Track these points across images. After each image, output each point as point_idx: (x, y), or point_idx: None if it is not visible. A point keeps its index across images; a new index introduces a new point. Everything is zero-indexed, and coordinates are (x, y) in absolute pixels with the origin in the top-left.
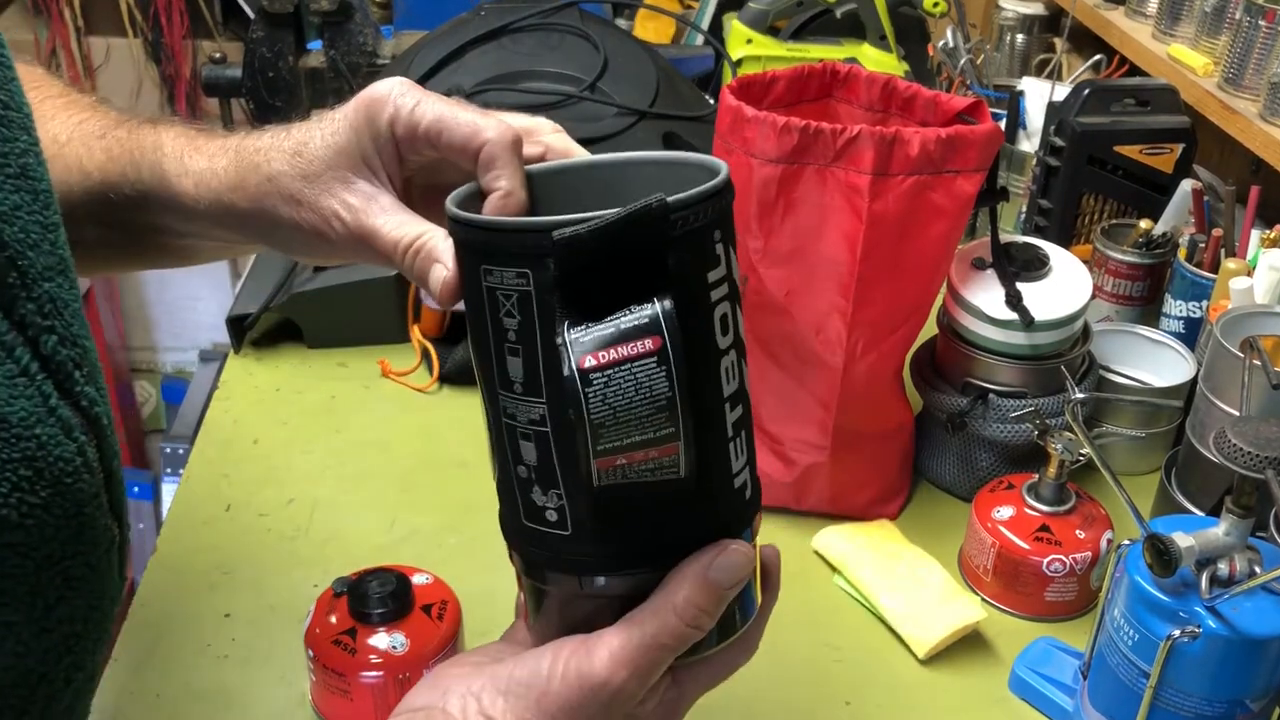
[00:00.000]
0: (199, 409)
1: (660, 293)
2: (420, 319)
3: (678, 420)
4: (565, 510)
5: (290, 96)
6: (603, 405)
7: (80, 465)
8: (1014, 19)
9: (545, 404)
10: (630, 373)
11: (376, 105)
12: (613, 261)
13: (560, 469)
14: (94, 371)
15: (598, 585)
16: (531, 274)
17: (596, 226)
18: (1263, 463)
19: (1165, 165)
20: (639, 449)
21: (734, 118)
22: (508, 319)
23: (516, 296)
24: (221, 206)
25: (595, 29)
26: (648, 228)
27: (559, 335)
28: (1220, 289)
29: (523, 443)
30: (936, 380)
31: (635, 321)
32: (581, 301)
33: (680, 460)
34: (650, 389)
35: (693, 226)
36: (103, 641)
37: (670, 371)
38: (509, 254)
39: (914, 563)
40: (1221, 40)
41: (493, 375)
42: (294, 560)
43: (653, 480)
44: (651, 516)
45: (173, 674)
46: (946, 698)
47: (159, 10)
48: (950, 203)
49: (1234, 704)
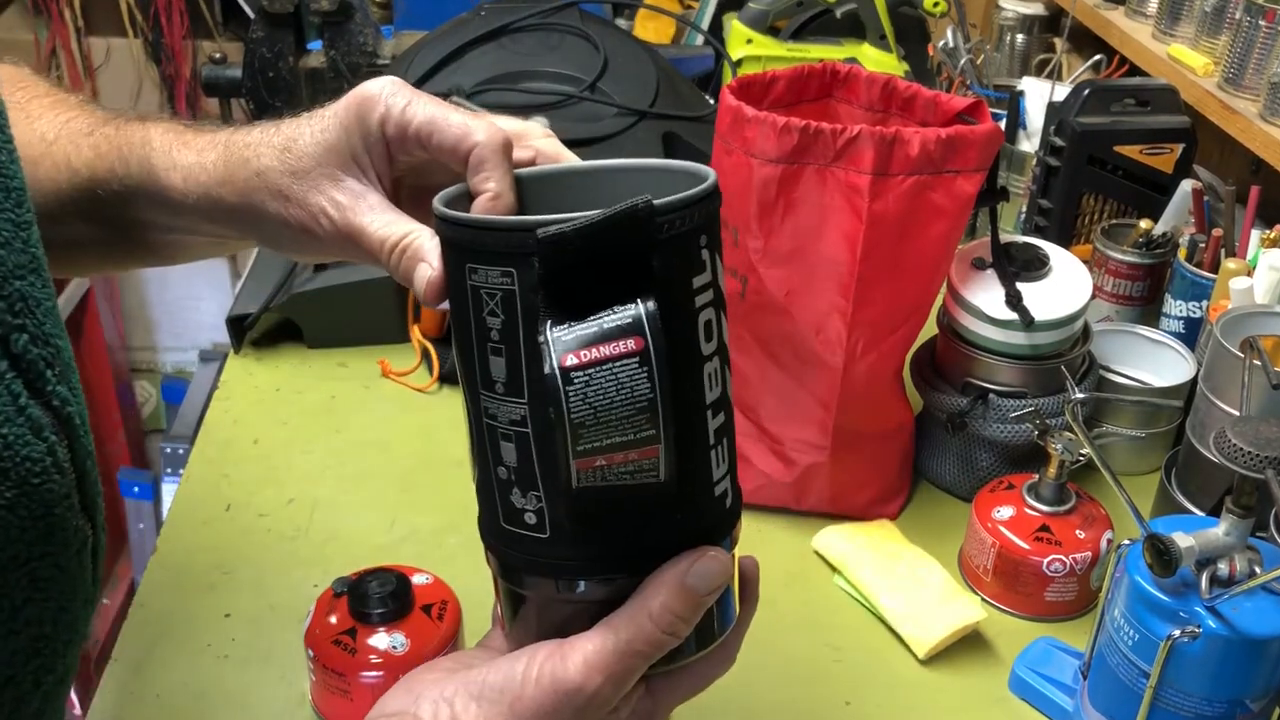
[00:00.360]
0: (199, 409)
1: (644, 295)
2: (420, 319)
3: (658, 423)
4: (544, 513)
5: (290, 97)
6: (583, 404)
7: (50, 465)
8: (1014, 19)
9: (526, 404)
10: (612, 373)
11: (367, 104)
12: (597, 262)
13: (540, 470)
14: (67, 371)
15: (576, 590)
16: (516, 273)
17: (582, 226)
18: (1263, 463)
19: (1165, 165)
20: (619, 450)
21: (734, 118)
22: (491, 318)
23: (500, 295)
24: (210, 200)
25: (595, 29)
26: (634, 229)
27: (541, 334)
28: (1220, 289)
29: (503, 443)
30: (936, 380)
31: (618, 321)
32: (565, 301)
33: (660, 463)
34: (631, 390)
35: (679, 230)
36: (75, 644)
37: (652, 373)
38: (494, 253)
39: (914, 563)
40: (1221, 40)
41: (475, 375)
42: (294, 560)
43: (632, 483)
44: (631, 521)
45: (173, 674)
46: (946, 698)
47: (159, 10)
48: (950, 203)
49: (1234, 704)
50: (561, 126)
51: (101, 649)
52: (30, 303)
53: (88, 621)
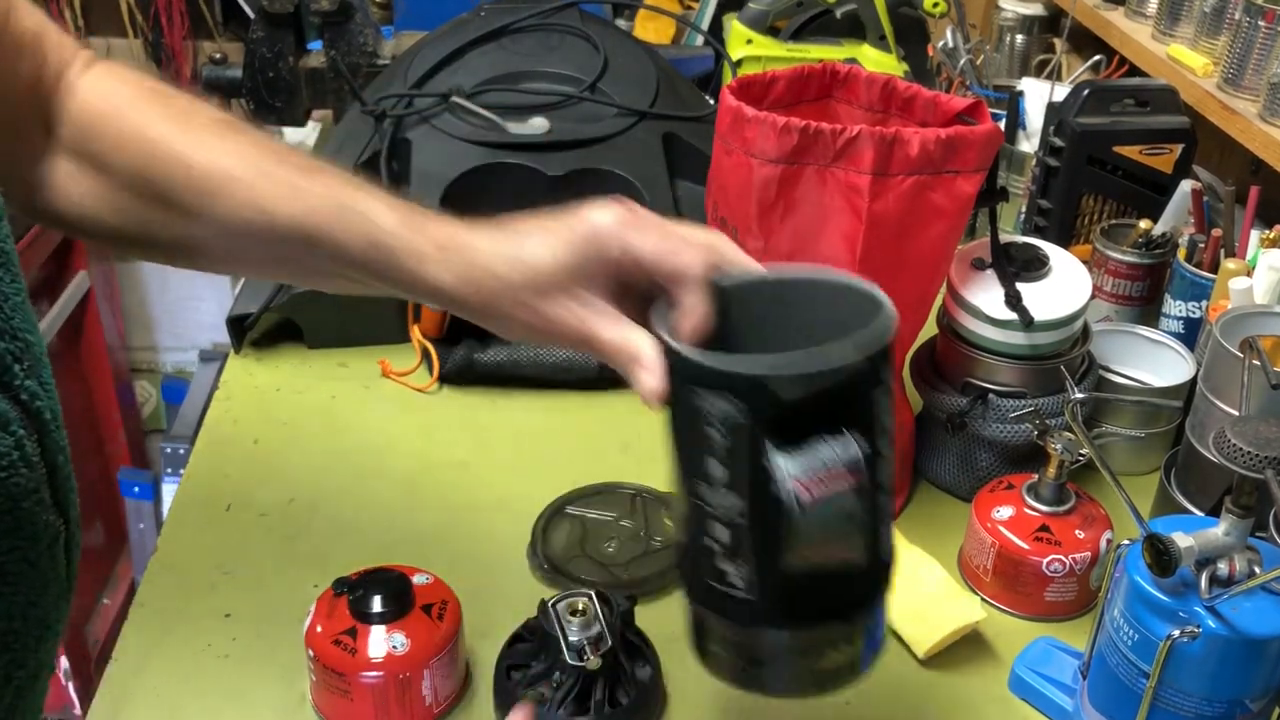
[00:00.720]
0: (199, 409)
1: (852, 425)
2: (420, 319)
3: (863, 531)
4: (747, 578)
5: (290, 97)
6: (806, 524)
7: (17, 459)
8: (1014, 19)
9: (743, 503)
10: (832, 501)
11: (604, 238)
12: (817, 404)
13: (749, 553)
14: (37, 365)
15: (761, 634)
16: (739, 405)
17: (809, 377)
18: (1262, 462)
19: (1165, 165)
20: (829, 551)
21: (734, 118)
22: (709, 429)
23: (721, 417)
24: (445, 296)
25: (595, 29)
26: (852, 381)
27: (765, 458)
28: (1220, 289)
29: (713, 523)
30: (936, 380)
31: (840, 459)
32: (783, 430)
33: (861, 556)
34: (847, 513)
35: (882, 374)
36: (47, 639)
37: (863, 499)
38: (720, 387)
39: (913, 562)
40: (1221, 41)
41: (687, 462)
42: (294, 560)
43: (834, 568)
44: (821, 586)
45: (173, 674)
46: (946, 697)
47: (159, 10)
48: (950, 203)
49: (1233, 704)
50: (562, 127)
51: (102, 649)
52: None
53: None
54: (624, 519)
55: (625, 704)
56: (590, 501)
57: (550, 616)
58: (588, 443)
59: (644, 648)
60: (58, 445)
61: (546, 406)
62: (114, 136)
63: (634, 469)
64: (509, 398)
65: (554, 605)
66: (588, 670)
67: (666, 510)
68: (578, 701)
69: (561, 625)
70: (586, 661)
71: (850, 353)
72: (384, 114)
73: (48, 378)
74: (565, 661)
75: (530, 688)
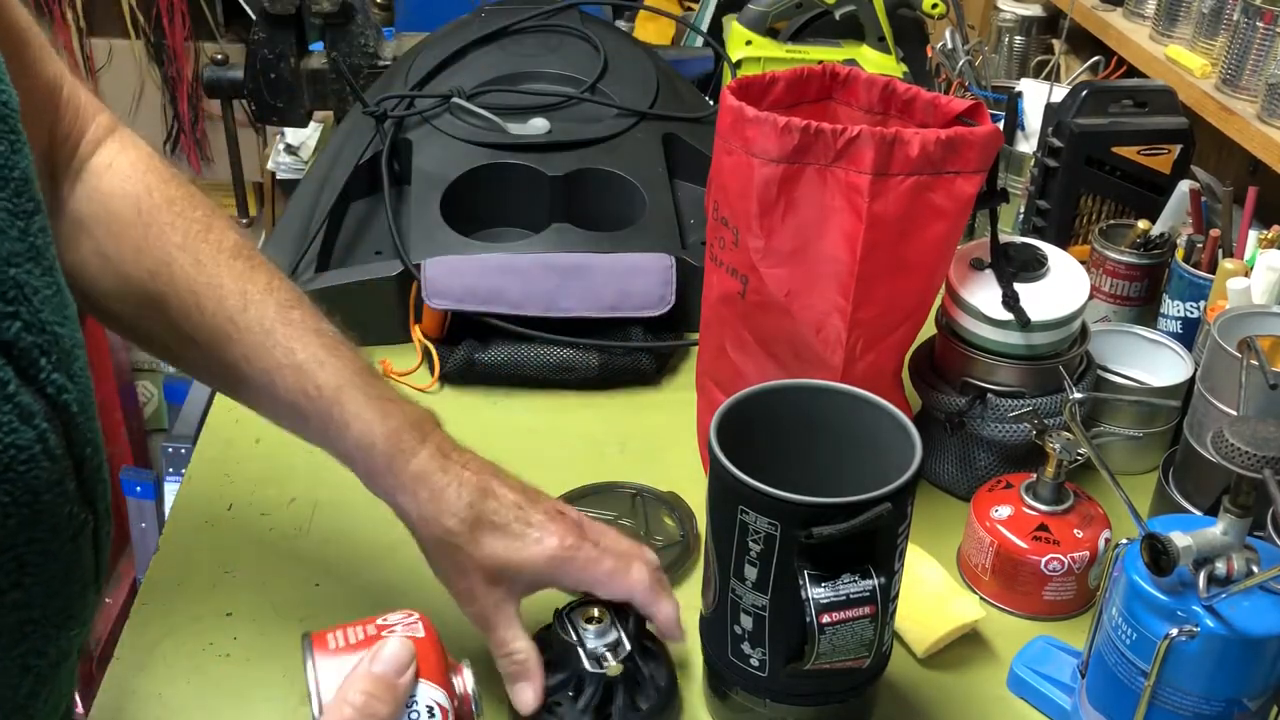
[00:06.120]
0: (201, 408)
1: (879, 562)
2: (421, 319)
3: (871, 645)
4: (766, 662)
5: (291, 98)
6: (826, 643)
7: (39, 452)
8: (1012, 20)
9: (769, 601)
10: (850, 626)
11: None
12: (848, 542)
13: (770, 642)
14: (65, 359)
15: (773, 707)
16: (779, 525)
17: (847, 526)
18: (1260, 462)
19: (1163, 166)
20: (839, 661)
21: (735, 117)
22: (750, 540)
23: (763, 534)
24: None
25: (595, 30)
26: (879, 521)
27: (796, 578)
28: (1218, 289)
29: (742, 614)
30: (935, 380)
31: (860, 592)
32: (816, 557)
33: (866, 662)
34: (861, 635)
35: (908, 509)
36: (69, 629)
37: (877, 624)
38: (764, 510)
39: (912, 561)
40: (1219, 41)
41: (729, 561)
42: (296, 559)
43: (845, 668)
44: (827, 682)
45: (175, 673)
46: (945, 697)
47: (161, 12)
48: (950, 203)
49: (1232, 703)
50: (562, 127)
51: (103, 648)
52: (26, 290)
53: (87, 606)
54: (624, 518)
55: (646, 709)
56: (590, 501)
57: (566, 625)
58: (588, 443)
59: (659, 651)
60: (85, 437)
61: (546, 406)
62: (133, 248)
63: (634, 469)
64: (509, 397)
65: (569, 614)
66: (608, 677)
67: (666, 510)
68: (599, 710)
69: (578, 633)
70: (607, 669)
71: (888, 506)
72: (385, 115)
73: (78, 370)
74: (585, 670)
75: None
